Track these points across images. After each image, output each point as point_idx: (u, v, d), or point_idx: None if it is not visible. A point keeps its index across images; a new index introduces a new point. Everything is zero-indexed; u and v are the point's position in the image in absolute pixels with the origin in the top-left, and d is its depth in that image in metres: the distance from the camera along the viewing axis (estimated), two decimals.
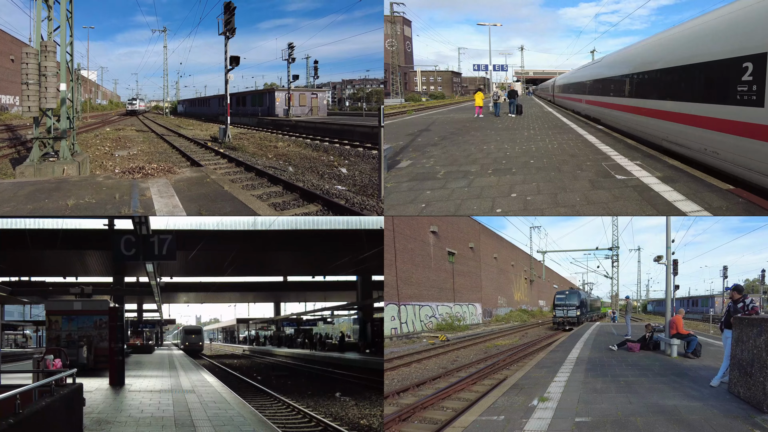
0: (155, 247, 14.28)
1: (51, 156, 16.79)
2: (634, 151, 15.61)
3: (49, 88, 15.41)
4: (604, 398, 8.53)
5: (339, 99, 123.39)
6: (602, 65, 25.38)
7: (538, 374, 11.21)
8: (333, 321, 57.46)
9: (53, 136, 16.74)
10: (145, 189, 14.53)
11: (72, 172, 16.30)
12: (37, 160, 16.36)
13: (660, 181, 11.19)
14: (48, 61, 15.37)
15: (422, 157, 17.07)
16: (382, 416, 12.32)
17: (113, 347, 15.30)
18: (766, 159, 8.76)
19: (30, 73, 15.09)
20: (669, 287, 16.81)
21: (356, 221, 24.12)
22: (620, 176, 12.00)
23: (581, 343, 18.92)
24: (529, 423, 6.99)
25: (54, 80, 15.58)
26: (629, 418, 7.08)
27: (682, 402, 8.12)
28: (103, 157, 25.54)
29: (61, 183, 14.79)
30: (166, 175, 17.31)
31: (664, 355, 14.79)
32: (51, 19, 16.11)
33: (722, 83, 9.94)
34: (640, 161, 13.57)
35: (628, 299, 33.31)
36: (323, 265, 35.59)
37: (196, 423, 9.02)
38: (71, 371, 8.76)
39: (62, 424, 7.26)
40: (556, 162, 14.52)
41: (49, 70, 15.36)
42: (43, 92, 15.33)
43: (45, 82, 15.28)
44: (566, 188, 11.21)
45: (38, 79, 15.19)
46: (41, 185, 14.40)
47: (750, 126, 8.93)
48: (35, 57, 15.20)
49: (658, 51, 15.48)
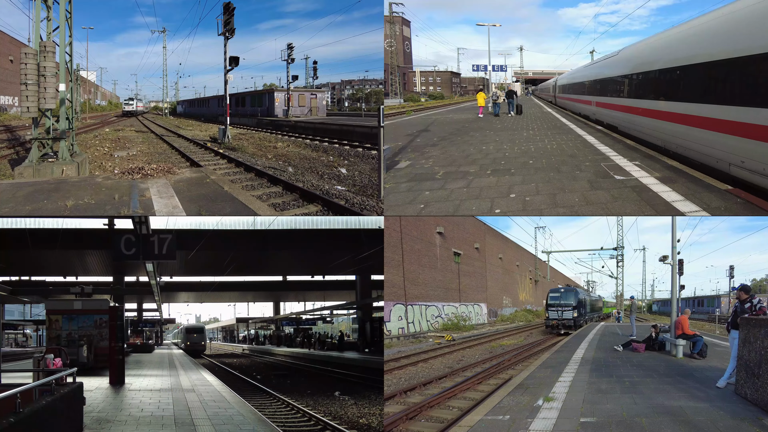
0: (155, 246, 14.33)
1: (50, 157, 16.78)
2: (633, 151, 15.64)
3: (48, 88, 15.38)
4: (609, 399, 8.51)
5: (338, 99, 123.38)
6: (630, 56, 18.82)
7: (543, 374, 11.24)
8: (332, 320, 57.47)
9: (52, 137, 16.72)
10: (144, 189, 14.54)
11: (71, 173, 16.31)
12: (36, 161, 16.33)
13: (659, 181, 11.22)
14: (47, 62, 15.36)
15: (421, 157, 17.11)
16: (381, 416, 12.37)
17: (113, 346, 15.34)
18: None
19: (29, 74, 15.05)
20: (674, 287, 16.66)
21: (355, 221, 24.15)
22: (619, 177, 12.03)
23: (586, 344, 18.91)
24: (534, 423, 7.02)
25: (53, 81, 15.55)
26: (634, 419, 7.05)
27: (688, 403, 8.05)
28: (102, 157, 25.57)
29: (60, 184, 14.79)
30: (165, 175, 17.32)
31: (669, 356, 14.65)
32: (50, 19, 16.11)
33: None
34: (639, 162, 13.60)
35: (633, 299, 32.30)
36: (322, 265, 35.66)
37: (195, 422, 9.05)
38: (71, 370, 8.80)
39: (62, 423, 7.30)
40: (555, 163, 14.55)
41: (48, 70, 15.35)
42: (42, 93, 15.28)
43: (44, 83, 15.24)
44: (565, 189, 11.23)
45: (37, 79, 15.16)
46: (40, 186, 14.40)
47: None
48: (34, 57, 15.19)
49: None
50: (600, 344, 18.98)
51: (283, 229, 28.37)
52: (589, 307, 38.47)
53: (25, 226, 23.43)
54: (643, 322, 42.29)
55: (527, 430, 6.75)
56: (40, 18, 15.86)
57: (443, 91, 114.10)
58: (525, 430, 6.75)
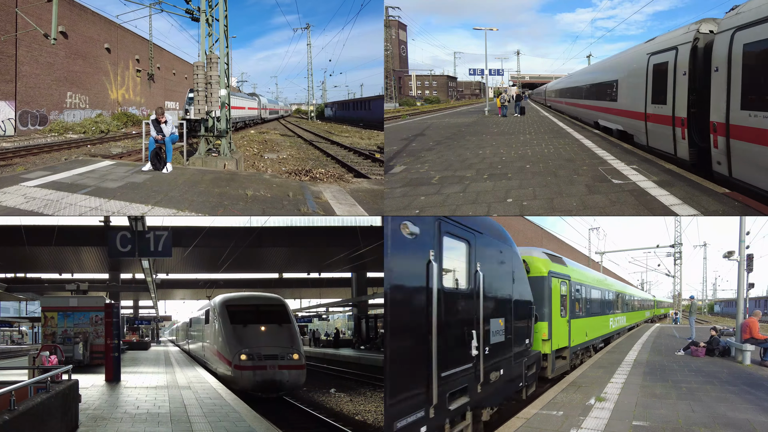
0: (151, 243, 14.33)
1: (213, 152, 18.85)
2: (631, 155, 15.69)
3: (214, 93, 17.68)
4: (663, 404, 8.23)
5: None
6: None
7: (595, 374, 11.18)
8: (328, 317, 57.44)
9: (215, 135, 18.84)
10: (317, 192, 13.96)
11: (231, 167, 17.90)
12: (203, 154, 18.61)
13: (656, 185, 11.24)
14: (212, 71, 17.63)
15: (416, 162, 17.06)
16: (382, 414, 12.38)
17: (109, 344, 15.33)
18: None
19: (199, 82, 17.52)
20: (742, 286, 15.32)
21: (351, 219, 24.10)
22: (617, 180, 12.06)
23: (639, 345, 18.30)
24: (587, 421, 7.03)
25: (217, 87, 17.77)
26: (692, 428, 6.68)
27: (758, 417, 7.42)
28: (253, 157, 24.90)
29: (234, 175, 15.54)
30: (337, 182, 16.92)
31: (734, 362, 13.69)
32: (210, 35, 18.56)
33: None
34: (637, 165, 13.63)
35: (693, 299, 30.23)
36: (318, 262, 35.72)
37: (191, 419, 9.05)
38: (67, 368, 8.78)
39: (58, 421, 7.29)
40: (553, 167, 14.56)
41: (213, 78, 17.63)
42: (209, 97, 17.62)
43: (210, 89, 17.57)
44: (563, 193, 11.25)
45: (205, 86, 17.62)
46: (218, 174, 15.23)
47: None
48: (203, 68, 17.66)
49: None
50: (654, 347, 18.22)
51: (279, 226, 28.45)
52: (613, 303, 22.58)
53: (20, 223, 23.40)
54: (703, 324, 40.47)
55: (579, 427, 6.78)
56: (204, 35, 18.40)
57: (439, 95, 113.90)
58: (577, 427, 6.79)
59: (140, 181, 13.06)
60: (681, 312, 45.34)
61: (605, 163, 14.61)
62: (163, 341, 63.62)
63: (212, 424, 8.62)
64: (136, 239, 14.16)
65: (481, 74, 46.05)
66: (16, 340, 54.61)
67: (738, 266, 15.29)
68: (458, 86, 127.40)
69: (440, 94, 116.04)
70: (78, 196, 11.13)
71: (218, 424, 8.62)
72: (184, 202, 11.13)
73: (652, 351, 16.77)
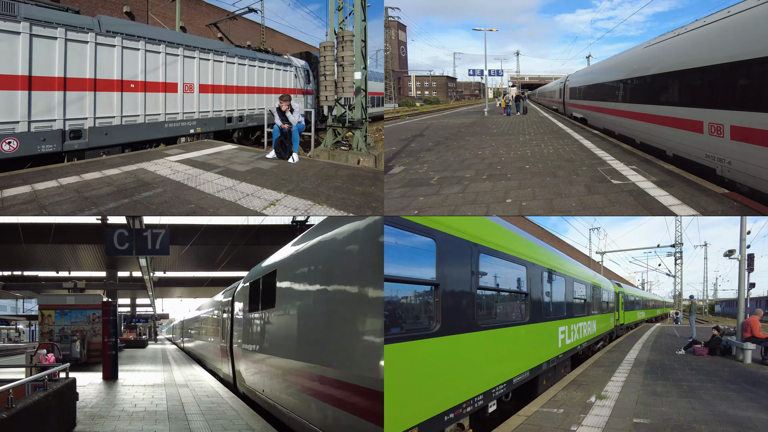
0: (148, 241, 14.29)
1: (342, 144, 17.01)
2: (630, 155, 15.70)
3: (346, 78, 15.50)
4: (664, 402, 8.26)
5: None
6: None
7: (595, 372, 11.21)
8: None
9: (345, 126, 16.88)
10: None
11: (368, 165, 15.70)
12: (330, 146, 17.04)
13: (655, 185, 11.25)
14: (344, 51, 15.37)
15: (415, 162, 17.04)
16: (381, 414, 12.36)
17: (106, 342, 15.30)
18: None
19: (327, 65, 15.49)
20: (742, 285, 15.22)
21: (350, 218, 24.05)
22: (616, 181, 12.06)
23: (639, 344, 18.31)
24: (587, 419, 7.04)
25: (350, 69, 15.53)
26: (692, 425, 6.68)
27: (759, 415, 7.41)
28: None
29: (379, 174, 13.97)
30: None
31: (735, 361, 13.67)
32: (341, 8, 16.08)
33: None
34: (636, 166, 13.64)
35: (693, 299, 29.94)
36: None
37: (189, 417, 9.03)
38: (64, 366, 8.76)
39: (55, 419, 7.27)
40: (552, 167, 14.55)
41: (345, 59, 15.41)
42: (339, 82, 15.53)
43: (342, 72, 15.48)
44: (562, 193, 11.25)
45: (335, 69, 15.48)
46: (355, 171, 14.02)
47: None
48: (332, 49, 15.48)
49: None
50: (655, 346, 18.21)
51: (276, 224, 28.42)
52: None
53: (18, 221, 23.35)
54: (704, 323, 40.47)
55: (580, 424, 6.78)
56: (333, 9, 16.02)
57: (439, 95, 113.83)
58: (578, 424, 6.79)
59: (266, 168, 12.92)
60: (682, 312, 45.48)
61: (604, 163, 14.62)
62: (161, 339, 63.60)
63: (209, 423, 8.60)
64: (133, 237, 14.12)
65: (480, 75, 46.11)
66: (13, 338, 54.45)
67: (739, 265, 15.26)
68: (458, 87, 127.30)
69: (440, 94, 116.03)
70: (212, 174, 11.87)
71: (215, 422, 8.60)
72: (319, 195, 10.81)
73: (652, 350, 16.79)
